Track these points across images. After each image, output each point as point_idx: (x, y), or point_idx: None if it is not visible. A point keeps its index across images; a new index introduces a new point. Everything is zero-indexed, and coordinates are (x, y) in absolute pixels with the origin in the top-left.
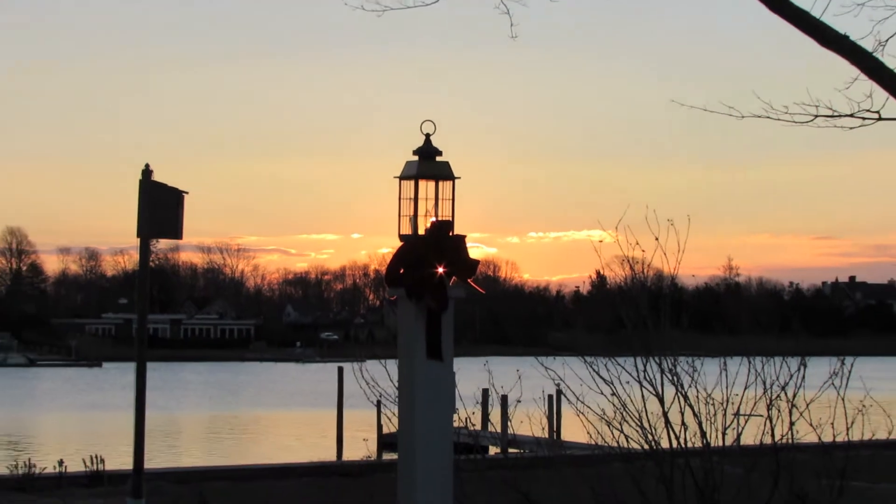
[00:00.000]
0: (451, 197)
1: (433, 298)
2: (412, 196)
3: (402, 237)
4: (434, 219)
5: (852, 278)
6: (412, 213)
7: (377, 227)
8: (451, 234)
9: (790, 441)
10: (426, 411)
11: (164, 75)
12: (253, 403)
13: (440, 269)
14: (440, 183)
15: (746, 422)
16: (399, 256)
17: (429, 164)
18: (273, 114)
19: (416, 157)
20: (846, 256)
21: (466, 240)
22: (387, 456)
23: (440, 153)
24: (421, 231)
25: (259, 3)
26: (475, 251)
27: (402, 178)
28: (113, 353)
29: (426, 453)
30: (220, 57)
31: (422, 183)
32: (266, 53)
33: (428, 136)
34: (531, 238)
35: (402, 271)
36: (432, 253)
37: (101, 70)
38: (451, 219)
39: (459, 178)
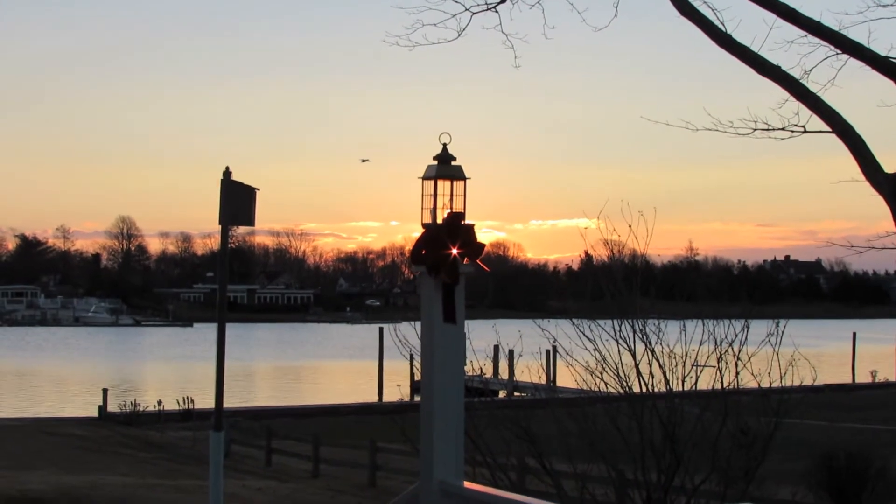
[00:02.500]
0: (463, 193)
1: (448, 274)
2: (432, 193)
3: (423, 225)
4: (449, 210)
5: (787, 257)
6: (432, 206)
7: (411, 216)
8: (462, 222)
9: (736, 387)
10: (443, 363)
11: (250, 94)
12: (311, 356)
13: (454, 251)
14: (454, 182)
15: (701, 371)
16: (421, 240)
17: (445, 168)
18: (330, 126)
19: (435, 162)
20: (782, 240)
21: (476, 227)
22: (417, 398)
23: (454, 158)
24: (439, 220)
25: (319, 33)
26: (486, 236)
27: (424, 178)
28: (201, 315)
29: (442, 396)
30: (287, 81)
31: (440, 182)
32: (324, 78)
33: (445, 145)
34: (533, 225)
35: (423, 252)
36: (447, 238)
37: (195, 86)
38: (463, 211)
39: (470, 178)
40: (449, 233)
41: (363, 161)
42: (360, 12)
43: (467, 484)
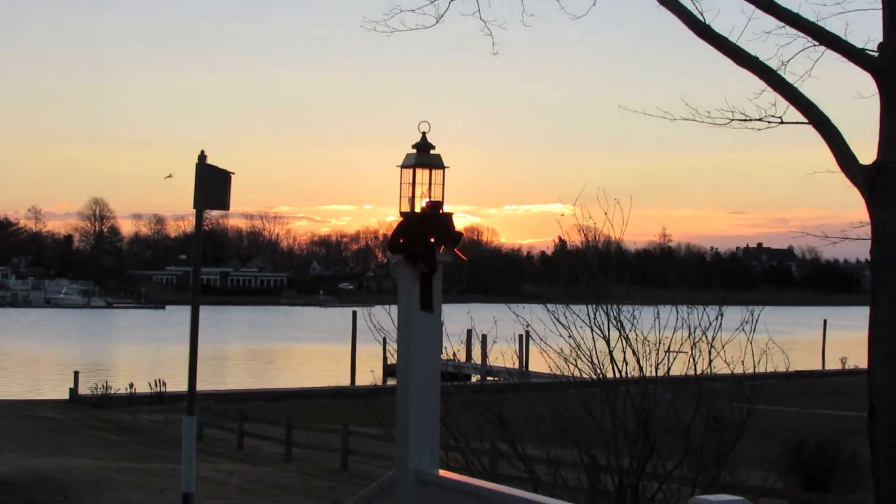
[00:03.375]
0: (441, 182)
1: (425, 263)
2: (411, 181)
3: (402, 214)
4: (428, 199)
5: (759, 244)
6: (410, 195)
7: (384, 200)
8: (440, 212)
9: (709, 373)
10: (419, 352)
11: (222, 77)
12: (284, 339)
13: (431, 240)
14: (433, 171)
15: (675, 358)
16: (400, 229)
17: (424, 156)
18: (304, 110)
19: (414, 151)
20: (754, 227)
21: (454, 214)
22: (390, 382)
23: (433, 147)
24: (417, 209)
25: (296, 19)
26: (462, 220)
27: (402, 166)
28: (174, 298)
29: (418, 385)
30: (263, 64)
31: (418, 171)
32: (299, 61)
33: (424, 133)
34: (507, 210)
35: (401, 241)
36: (425, 227)
37: (169, 67)
38: (441, 200)
39: (448, 167)
40: (427, 222)
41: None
42: None
43: (442, 472)
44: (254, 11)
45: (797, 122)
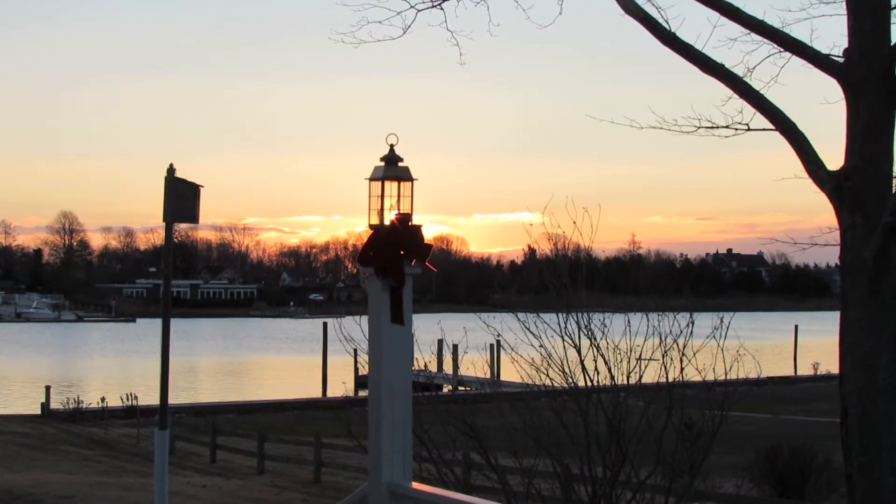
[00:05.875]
0: (410, 195)
1: (395, 276)
2: (379, 194)
3: (371, 226)
4: (397, 212)
5: (729, 250)
6: (379, 208)
7: (353, 210)
8: (410, 224)
9: (681, 380)
10: (390, 362)
11: (190, 89)
12: (255, 351)
13: (401, 253)
14: (401, 183)
15: (646, 366)
16: (369, 242)
17: (392, 169)
18: (270, 121)
19: (382, 163)
20: (722, 233)
21: (423, 226)
22: (361, 393)
23: (401, 159)
24: (386, 222)
25: (266, 31)
26: (431, 230)
27: (371, 179)
28: (144, 311)
29: (390, 394)
30: (230, 76)
31: (387, 183)
32: (267, 74)
33: (392, 146)
34: (476, 219)
35: (371, 253)
36: (395, 239)
37: (136, 79)
38: (410, 212)
39: (417, 179)
40: (396, 234)
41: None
42: (305, 9)
43: (415, 485)
44: (220, 23)
45: (764, 129)
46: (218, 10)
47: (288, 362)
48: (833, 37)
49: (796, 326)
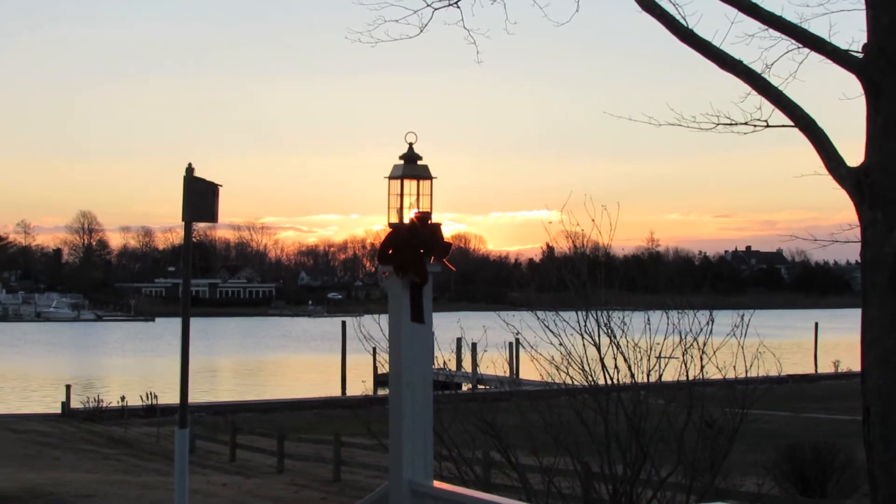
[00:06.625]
0: (429, 193)
1: (415, 274)
2: (399, 192)
3: (390, 225)
4: (416, 210)
5: (748, 248)
6: (399, 206)
7: (371, 209)
8: (429, 222)
9: (701, 378)
10: (411, 361)
11: (208, 89)
12: (274, 350)
13: (421, 251)
14: (420, 182)
15: (666, 364)
16: (389, 240)
17: (411, 167)
18: (288, 120)
19: (401, 161)
20: (742, 230)
21: (442, 225)
22: (381, 392)
23: (420, 158)
24: (406, 220)
25: (283, 31)
26: (449, 228)
27: (390, 177)
28: (163, 310)
29: (410, 396)
30: (248, 76)
31: (406, 182)
32: (285, 73)
33: (410, 144)
34: (493, 217)
35: (391, 252)
36: (414, 238)
37: (155, 79)
38: (429, 210)
39: (436, 177)
40: (416, 233)
41: None
42: (322, 8)
43: (437, 483)
44: (237, 23)
45: (783, 126)
46: (235, 11)
47: (307, 361)
48: (852, 32)
49: (816, 324)
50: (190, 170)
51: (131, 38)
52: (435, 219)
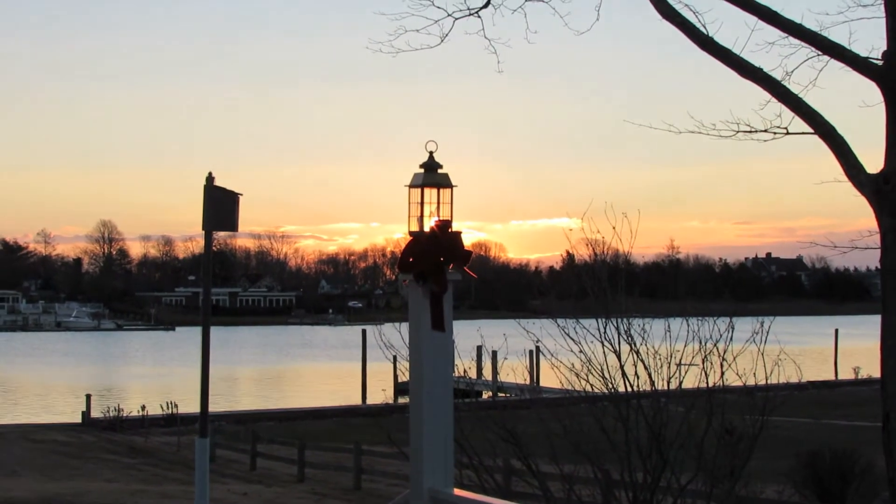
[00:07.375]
0: (450, 201)
1: (436, 282)
2: (419, 201)
3: (411, 233)
4: (436, 219)
5: (768, 255)
6: (419, 215)
7: (391, 217)
8: (450, 230)
9: (721, 385)
10: (431, 369)
11: (228, 98)
12: (294, 358)
13: (441, 259)
14: (441, 190)
15: (686, 371)
16: (409, 248)
17: (432, 176)
18: (308, 129)
19: (421, 170)
20: (762, 237)
21: (462, 233)
22: (401, 400)
23: (441, 166)
24: (426, 228)
25: (301, 38)
26: (469, 236)
27: (410, 186)
28: (183, 319)
29: (431, 401)
30: (268, 85)
31: (426, 190)
32: (305, 80)
33: (431, 153)
34: (513, 225)
35: (411, 260)
36: (435, 246)
37: (175, 89)
38: (450, 219)
39: (457, 186)
40: (436, 241)
41: None
42: (343, 18)
43: (457, 491)
44: (257, 32)
45: (803, 133)
46: (255, 20)
47: (327, 370)
48: (871, 39)
49: (836, 330)
50: (210, 179)
51: (153, 46)
52: (455, 227)
